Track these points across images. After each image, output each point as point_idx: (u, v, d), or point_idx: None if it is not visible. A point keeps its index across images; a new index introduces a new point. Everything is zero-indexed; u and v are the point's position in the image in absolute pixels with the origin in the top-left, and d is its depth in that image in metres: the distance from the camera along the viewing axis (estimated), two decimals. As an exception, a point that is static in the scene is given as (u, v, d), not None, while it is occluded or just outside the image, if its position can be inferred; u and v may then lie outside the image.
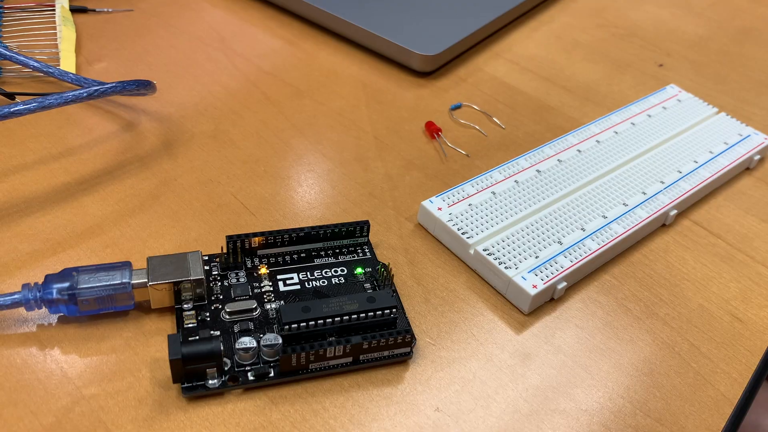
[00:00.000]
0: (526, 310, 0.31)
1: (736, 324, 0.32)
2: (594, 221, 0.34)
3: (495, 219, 0.34)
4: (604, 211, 0.35)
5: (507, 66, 0.48)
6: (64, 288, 0.28)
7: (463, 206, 0.34)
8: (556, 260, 0.32)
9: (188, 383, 0.26)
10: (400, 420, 0.27)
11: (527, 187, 0.36)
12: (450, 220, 0.34)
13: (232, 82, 0.44)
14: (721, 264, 0.35)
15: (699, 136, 0.41)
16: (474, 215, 0.34)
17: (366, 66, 0.47)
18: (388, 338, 0.27)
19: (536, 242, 0.33)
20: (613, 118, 0.42)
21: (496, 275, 0.32)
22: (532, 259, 0.32)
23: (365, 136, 0.41)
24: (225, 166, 0.37)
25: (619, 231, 0.34)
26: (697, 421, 0.28)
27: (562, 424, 0.27)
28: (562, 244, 0.33)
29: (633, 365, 0.30)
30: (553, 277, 0.31)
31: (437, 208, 0.34)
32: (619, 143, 0.40)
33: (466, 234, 0.33)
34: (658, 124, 0.42)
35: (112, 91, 0.34)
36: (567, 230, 0.34)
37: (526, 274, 0.31)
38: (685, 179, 0.38)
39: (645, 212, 0.35)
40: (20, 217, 0.33)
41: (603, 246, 0.33)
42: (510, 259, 0.32)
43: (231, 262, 0.31)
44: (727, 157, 0.40)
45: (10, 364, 0.27)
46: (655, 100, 0.44)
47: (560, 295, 0.32)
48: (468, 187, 0.36)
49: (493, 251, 0.32)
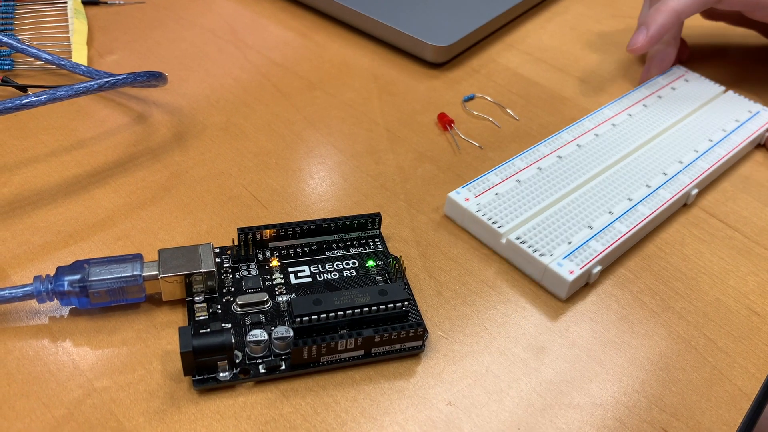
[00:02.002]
0: (563, 296, 0.31)
1: (753, 318, 0.32)
2: (620, 204, 0.35)
3: (523, 207, 0.34)
4: (629, 194, 0.35)
5: (520, 57, 0.48)
6: (76, 280, 0.28)
7: (490, 196, 0.34)
8: (589, 245, 0.32)
9: (199, 376, 0.26)
10: (412, 414, 0.27)
11: (550, 173, 0.36)
12: (479, 210, 0.33)
13: (243, 75, 0.43)
14: (739, 257, 0.35)
15: (710, 115, 0.42)
16: (502, 204, 0.34)
17: (378, 57, 0.46)
18: (400, 331, 0.27)
19: (567, 228, 0.33)
20: (625, 101, 0.42)
21: (530, 263, 0.32)
22: (565, 245, 0.32)
23: (377, 128, 0.40)
24: (236, 158, 0.37)
25: (646, 212, 0.34)
26: (714, 417, 0.28)
27: (576, 419, 0.27)
28: (593, 228, 0.33)
29: (648, 359, 0.29)
30: (588, 261, 0.31)
31: (464, 198, 0.34)
32: (634, 126, 0.40)
33: (497, 223, 0.33)
34: (669, 106, 0.42)
35: (123, 83, 0.34)
36: (595, 214, 0.34)
37: (561, 261, 0.31)
38: (703, 158, 0.38)
39: (668, 192, 0.36)
40: (32, 209, 0.33)
41: (632, 228, 0.33)
42: (543, 246, 0.32)
43: (242, 255, 0.31)
44: (740, 135, 0.40)
45: (23, 356, 0.27)
46: (663, 81, 0.45)
47: (595, 279, 0.32)
48: (492, 177, 0.36)
49: (526, 239, 0.32)
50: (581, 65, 0.48)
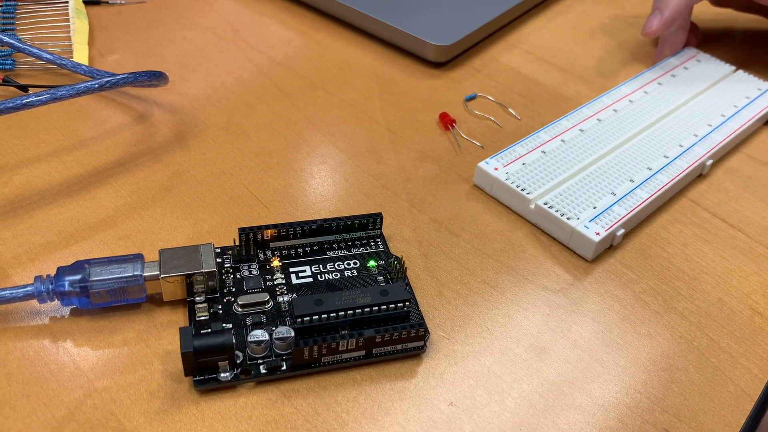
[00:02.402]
0: (590, 257, 0.33)
1: (756, 318, 0.32)
2: (641, 173, 0.37)
3: (549, 175, 0.36)
4: (648, 163, 0.37)
5: (522, 56, 0.48)
6: (76, 280, 0.27)
7: (518, 165, 0.36)
8: (613, 209, 0.34)
9: (200, 376, 0.26)
10: (413, 414, 0.27)
11: (573, 145, 0.38)
12: (508, 179, 0.36)
13: (244, 74, 0.43)
14: (741, 257, 0.35)
15: (721, 92, 0.44)
16: (529, 173, 0.36)
17: (379, 57, 0.46)
18: (401, 332, 0.27)
19: (591, 194, 0.35)
20: (640, 80, 0.45)
21: (558, 226, 0.34)
22: (590, 209, 0.34)
23: (378, 128, 0.40)
24: (238, 158, 0.37)
25: (665, 180, 0.36)
26: (716, 417, 0.27)
27: (578, 420, 0.27)
28: (616, 194, 0.35)
29: (651, 360, 0.29)
30: (612, 224, 0.33)
31: (494, 168, 0.36)
32: (650, 102, 0.42)
33: (525, 190, 0.35)
34: (683, 84, 0.44)
35: (124, 82, 0.34)
36: (617, 182, 0.36)
37: (588, 223, 0.33)
38: (716, 131, 0.40)
39: (684, 162, 0.38)
40: (33, 209, 0.33)
41: (652, 194, 0.36)
42: (570, 210, 0.34)
43: (243, 255, 0.31)
44: (751, 110, 0.43)
45: (23, 357, 0.27)
46: (675, 62, 0.47)
47: (618, 242, 0.34)
48: (519, 148, 0.38)
49: (554, 204, 0.34)
50: (583, 64, 0.48)
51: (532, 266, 0.33)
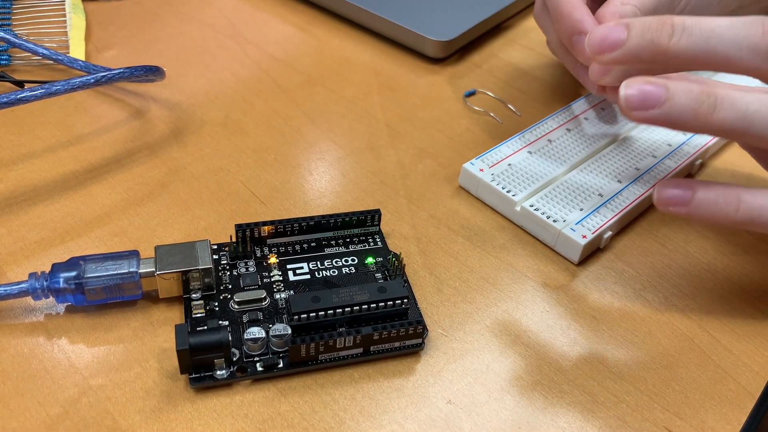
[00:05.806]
0: (576, 260, 0.32)
1: (758, 316, 0.31)
2: (627, 172, 0.36)
3: (535, 176, 0.35)
4: (636, 164, 0.37)
5: (522, 52, 0.48)
6: (71, 277, 0.27)
7: (503, 166, 0.36)
8: (599, 211, 0.33)
9: (196, 374, 0.26)
10: (411, 412, 0.26)
11: (559, 145, 0.37)
12: (493, 180, 0.35)
13: (242, 70, 0.43)
14: (743, 254, 0.34)
15: None
16: (515, 174, 0.35)
17: (378, 53, 0.46)
18: (399, 329, 0.27)
19: (577, 196, 0.34)
20: None
21: (544, 229, 0.33)
22: (576, 212, 0.33)
23: (377, 124, 0.40)
24: (235, 154, 0.37)
25: (652, 181, 0.36)
26: (717, 415, 0.27)
27: (577, 418, 0.27)
28: (603, 196, 0.34)
29: (651, 357, 0.29)
30: (600, 227, 0.33)
31: (479, 169, 0.35)
32: None
33: (511, 192, 0.34)
34: None
35: (119, 77, 0.34)
36: (604, 183, 0.35)
37: (574, 226, 0.32)
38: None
39: (673, 162, 0.37)
40: (28, 205, 0.33)
41: (640, 196, 0.35)
42: (556, 213, 0.33)
43: (240, 251, 0.31)
44: None
45: (17, 354, 0.27)
46: None
47: (606, 244, 0.33)
48: (504, 148, 0.37)
49: (539, 206, 0.33)
50: (583, 60, 0.47)
51: (532, 263, 0.33)
